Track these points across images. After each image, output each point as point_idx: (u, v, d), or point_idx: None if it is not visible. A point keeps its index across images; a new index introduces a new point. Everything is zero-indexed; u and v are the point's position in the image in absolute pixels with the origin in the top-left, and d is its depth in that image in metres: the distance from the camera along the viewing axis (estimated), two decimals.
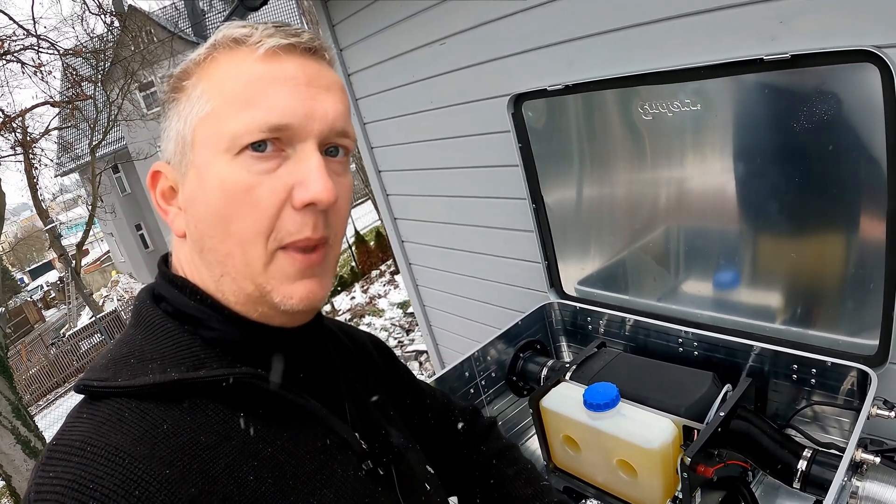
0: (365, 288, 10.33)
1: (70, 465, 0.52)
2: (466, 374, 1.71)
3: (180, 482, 0.54)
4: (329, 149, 0.65)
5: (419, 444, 0.91)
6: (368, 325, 8.46)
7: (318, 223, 0.63)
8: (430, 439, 0.99)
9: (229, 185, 0.61)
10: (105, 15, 10.99)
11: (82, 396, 0.60)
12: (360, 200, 17.97)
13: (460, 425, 1.05)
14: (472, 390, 1.73)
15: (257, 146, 0.60)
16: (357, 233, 11.53)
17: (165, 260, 0.72)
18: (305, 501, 0.62)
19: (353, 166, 14.48)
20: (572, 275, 1.98)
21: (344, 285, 10.77)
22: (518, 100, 1.83)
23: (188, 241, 0.66)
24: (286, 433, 0.65)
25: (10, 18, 8.82)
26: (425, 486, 0.81)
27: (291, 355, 0.70)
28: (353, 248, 11.29)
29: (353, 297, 10.04)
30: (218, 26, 0.67)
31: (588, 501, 1.49)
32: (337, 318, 9.16)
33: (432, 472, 0.87)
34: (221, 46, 0.64)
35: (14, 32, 9.16)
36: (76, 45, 11.24)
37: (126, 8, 12.65)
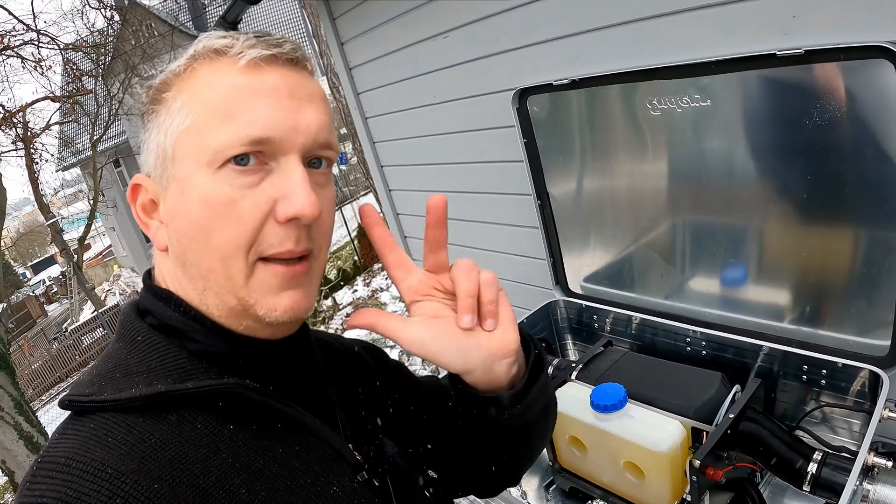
0: (367, 281, 10.32)
1: (55, 483, 0.50)
2: None
3: (170, 497, 0.53)
4: (312, 161, 0.64)
5: (425, 434, 0.89)
6: None
7: (301, 236, 0.62)
8: (436, 423, 0.95)
9: (211, 198, 0.60)
10: (105, 9, 10.96)
11: (68, 413, 0.59)
12: (362, 193, 17.96)
13: None
14: None
15: (240, 160, 0.59)
16: (359, 226, 11.51)
17: (150, 273, 0.71)
18: None
19: (353, 159, 14.44)
20: (578, 272, 1.96)
21: (346, 279, 10.76)
22: (523, 94, 1.81)
23: (170, 254, 0.65)
24: (278, 445, 0.63)
25: (10, 13, 8.80)
26: (424, 493, 0.80)
27: (279, 366, 0.69)
28: (356, 242, 11.28)
29: (356, 291, 10.02)
30: (218, 19, 0.65)
31: (594, 502, 1.47)
32: (339, 311, 9.13)
33: (434, 476, 0.85)
34: (202, 57, 0.62)
35: (14, 27, 9.12)
36: (76, 40, 11.21)
37: (126, 2, 12.60)
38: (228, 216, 0.60)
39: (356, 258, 11.23)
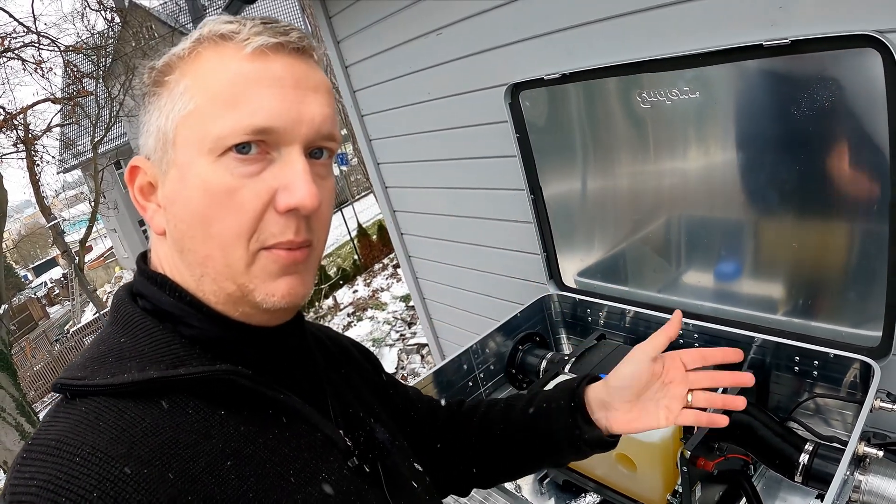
0: (368, 281, 10.32)
1: (45, 466, 0.50)
2: (465, 366, 1.70)
3: (159, 482, 0.52)
4: (313, 151, 0.64)
5: (410, 436, 0.90)
6: (371, 318, 8.45)
7: (301, 227, 0.62)
8: (421, 427, 0.97)
9: (212, 186, 0.59)
10: (105, 11, 10.98)
11: (60, 396, 0.59)
12: (363, 194, 17.96)
13: (443, 402, 1.04)
14: (470, 383, 1.72)
15: (241, 148, 0.59)
16: (360, 226, 11.50)
17: (144, 257, 0.70)
18: (290, 500, 0.61)
19: (354, 160, 14.47)
20: (572, 266, 1.96)
21: (346, 279, 10.76)
22: (515, 89, 1.81)
23: (168, 239, 0.65)
24: (269, 431, 0.63)
25: (10, 16, 8.82)
26: (412, 484, 0.80)
27: (272, 353, 0.69)
28: (356, 242, 11.29)
29: (356, 291, 10.03)
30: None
31: (587, 495, 1.47)
32: (340, 311, 9.12)
33: (420, 469, 0.85)
34: (207, 41, 0.62)
35: (14, 30, 9.14)
36: (77, 42, 11.23)
37: (126, 3, 12.62)
38: (228, 205, 0.59)
39: (356, 257, 11.23)
